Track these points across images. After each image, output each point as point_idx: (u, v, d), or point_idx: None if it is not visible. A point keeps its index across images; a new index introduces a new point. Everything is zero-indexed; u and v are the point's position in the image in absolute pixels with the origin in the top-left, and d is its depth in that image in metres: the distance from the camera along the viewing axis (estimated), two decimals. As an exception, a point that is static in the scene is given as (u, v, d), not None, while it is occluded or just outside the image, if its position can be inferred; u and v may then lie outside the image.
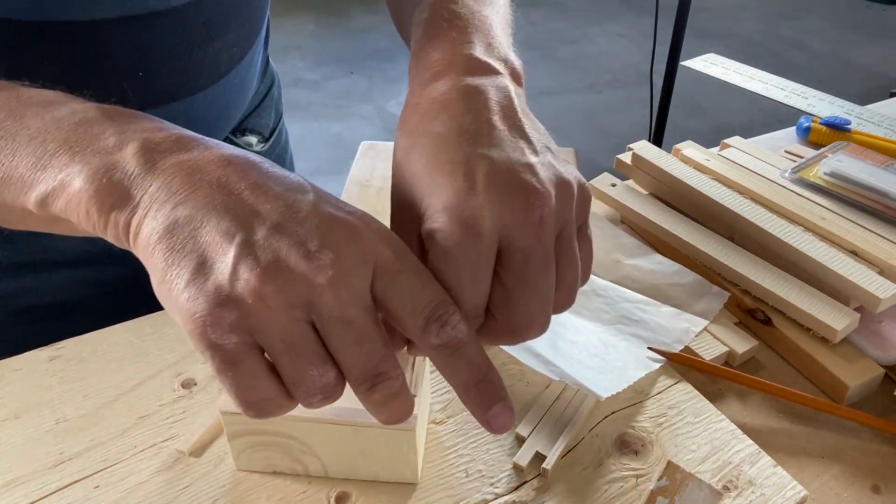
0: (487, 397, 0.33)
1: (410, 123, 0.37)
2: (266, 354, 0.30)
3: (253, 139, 0.69)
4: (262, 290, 0.28)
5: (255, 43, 0.62)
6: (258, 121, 0.70)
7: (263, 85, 0.71)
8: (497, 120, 0.36)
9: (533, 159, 0.34)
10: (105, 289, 0.62)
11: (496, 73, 0.39)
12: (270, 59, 0.74)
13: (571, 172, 0.35)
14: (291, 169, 0.79)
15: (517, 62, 0.41)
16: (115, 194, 0.31)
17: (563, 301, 0.36)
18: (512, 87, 0.38)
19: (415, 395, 0.38)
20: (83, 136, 0.33)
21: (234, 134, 0.67)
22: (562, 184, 0.34)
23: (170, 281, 0.29)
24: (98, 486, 0.42)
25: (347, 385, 0.32)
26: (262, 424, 0.40)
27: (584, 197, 0.36)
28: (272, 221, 0.29)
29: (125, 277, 0.62)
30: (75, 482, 0.42)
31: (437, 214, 0.32)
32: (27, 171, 0.33)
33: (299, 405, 0.31)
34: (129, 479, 0.42)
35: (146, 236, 0.30)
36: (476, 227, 0.32)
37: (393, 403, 0.31)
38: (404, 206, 0.35)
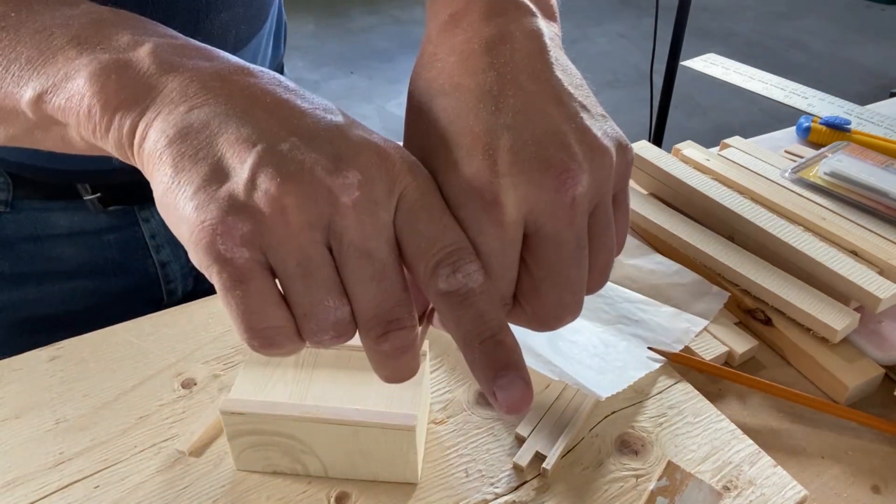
0: (495, 359, 0.28)
1: (424, 78, 0.32)
2: (277, 280, 0.26)
3: None
4: (281, 202, 0.25)
5: (262, 28, 0.61)
6: None
7: None
8: (524, 78, 0.30)
9: (564, 126, 0.29)
10: (106, 299, 0.62)
11: (525, 10, 0.33)
12: (286, 68, 0.73)
13: (610, 134, 0.31)
14: None
15: None
16: (123, 92, 0.28)
17: (596, 284, 0.32)
18: (545, 27, 0.33)
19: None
20: (95, 33, 0.29)
21: None
22: (598, 152, 0.29)
23: (176, 189, 0.26)
24: (98, 486, 0.42)
25: (346, 388, 0.30)
26: (262, 424, 0.40)
27: (625, 162, 0.31)
28: (299, 135, 0.26)
29: (127, 287, 0.62)
30: (75, 482, 0.42)
31: (454, 198, 0.29)
32: (27, 64, 0.30)
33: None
34: (129, 479, 0.42)
35: (153, 140, 0.27)
36: (498, 215, 0.28)
37: (402, 358, 0.28)
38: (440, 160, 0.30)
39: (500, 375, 0.28)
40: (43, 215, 0.56)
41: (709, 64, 1.09)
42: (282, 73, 0.72)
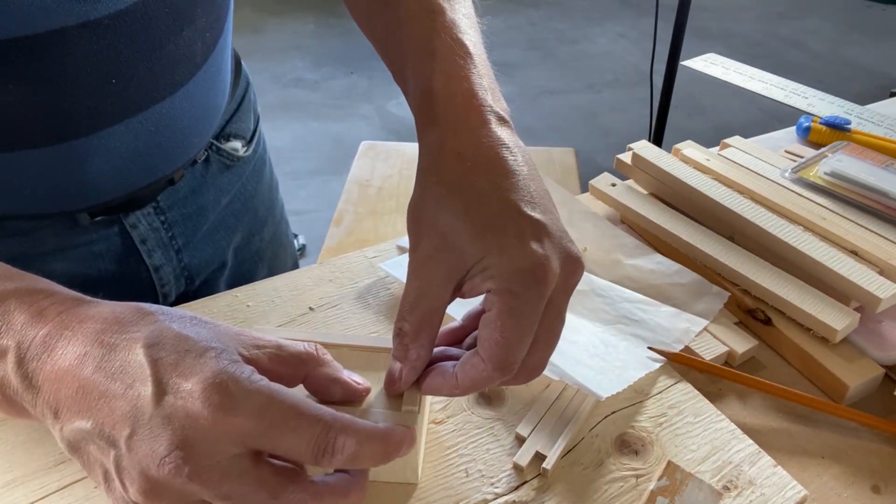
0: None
1: (450, 173, 0.38)
2: None
3: (237, 143, 0.68)
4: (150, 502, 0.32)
5: (225, 28, 0.61)
6: (240, 125, 0.69)
7: (240, 88, 0.70)
8: (535, 183, 0.38)
9: (561, 225, 0.38)
10: None
11: (509, 125, 0.41)
12: (242, 60, 0.72)
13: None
14: (271, 171, 0.78)
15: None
16: (14, 407, 0.36)
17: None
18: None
19: (417, 410, 0.39)
20: None
21: (219, 139, 0.66)
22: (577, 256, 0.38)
23: (96, 480, 0.35)
24: (98, 486, 0.42)
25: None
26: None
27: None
28: (126, 434, 0.32)
29: (121, 295, 0.60)
30: (75, 482, 0.42)
31: (512, 278, 0.35)
32: None
33: None
34: (129, 479, 0.42)
35: (60, 439, 0.35)
36: (546, 290, 0.36)
37: None
38: (439, 255, 0.37)
39: None
40: (31, 235, 0.56)
41: (709, 64, 1.09)
42: (239, 67, 0.70)
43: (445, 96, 0.40)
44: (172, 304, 0.56)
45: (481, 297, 0.38)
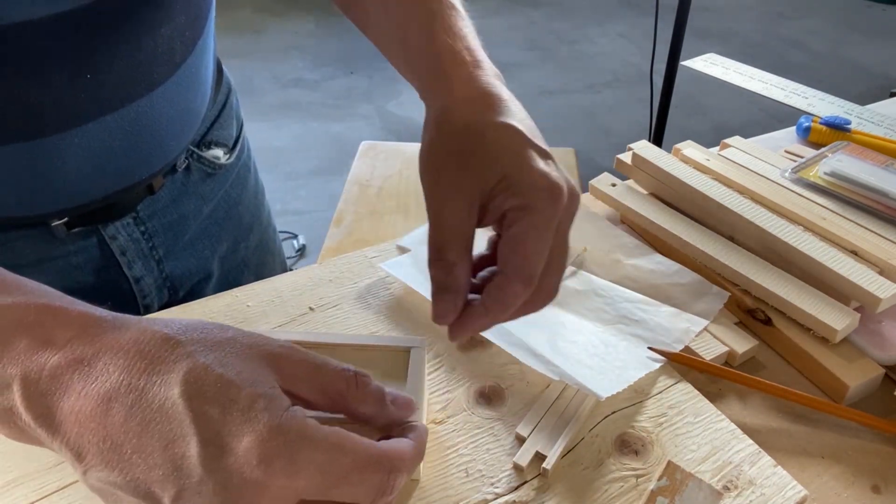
0: None
1: (462, 113, 0.41)
2: None
3: (219, 152, 0.67)
4: None
5: (206, 27, 0.59)
6: (221, 132, 0.68)
7: (221, 94, 0.68)
8: (532, 124, 0.42)
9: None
10: None
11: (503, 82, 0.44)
12: (223, 63, 0.71)
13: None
14: (256, 177, 0.76)
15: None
16: (26, 436, 0.32)
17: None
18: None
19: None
20: None
21: (200, 147, 0.64)
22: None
23: None
24: None
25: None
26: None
27: None
28: (171, 494, 0.29)
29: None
30: (75, 482, 0.42)
31: (533, 192, 0.38)
32: None
33: None
34: (129, 479, 0.42)
35: (82, 480, 0.31)
36: (560, 207, 0.39)
37: None
38: (461, 181, 0.39)
39: None
40: (7, 247, 0.54)
41: (709, 64, 1.09)
42: (221, 73, 0.69)
43: (450, 52, 0.44)
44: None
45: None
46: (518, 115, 0.41)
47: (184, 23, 0.55)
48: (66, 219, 0.55)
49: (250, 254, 0.75)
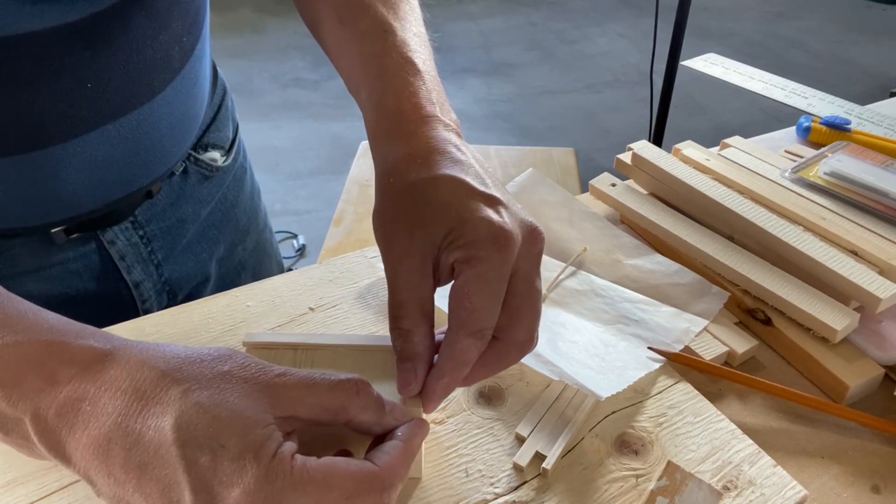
0: None
1: (406, 173, 0.40)
2: None
3: (216, 154, 0.67)
4: None
5: (202, 32, 0.59)
6: (218, 134, 0.67)
7: (217, 95, 0.68)
8: (488, 175, 0.41)
9: (519, 205, 0.41)
10: None
11: (456, 131, 0.44)
12: (221, 64, 0.71)
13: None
14: (252, 178, 0.76)
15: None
16: (41, 456, 0.34)
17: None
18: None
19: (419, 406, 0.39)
20: None
21: (197, 150, 0.64)
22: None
23: None
24: None
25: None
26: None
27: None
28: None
29: (102, 314, 0.57)
30: (75, 482, 0.42)
31: (476, 242, 0.37)
32: None
33: None
34: (129, 479, 0.42)
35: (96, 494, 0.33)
36: (510, 254, 0.37)
37: None
38: (411, 245, 0.38)
39: None
40: (5, 254, 0.54)
41: (709, 64, 1.09)
42: (216, 75, 0.69)
43: (396, 112, 0.43)
44: None
45: None
46: (465, 165, 0.40)
47: (180, 29, 0.55)
48: (65, 226, 0.55)
49: (247, 256, 0.75)
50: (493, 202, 0.39)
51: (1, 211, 0.52)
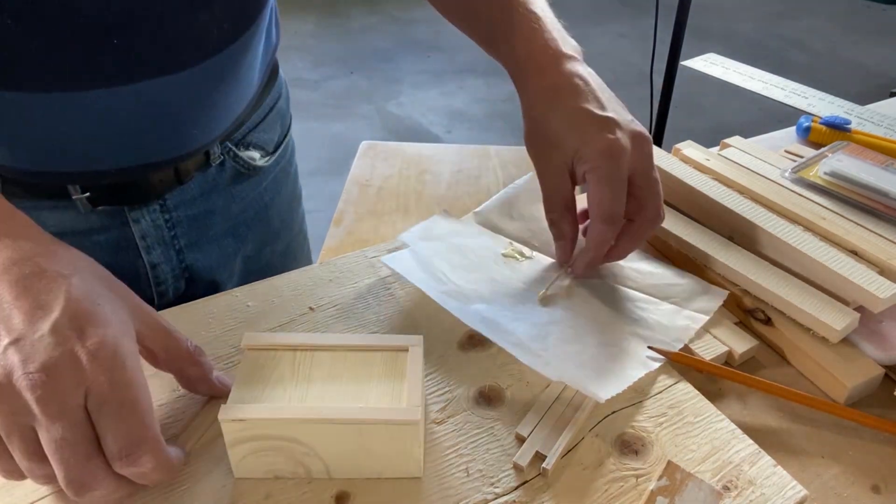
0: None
1: (543, 103, 0.54)
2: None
3: (256, 154, 0.68)
4: None
5: (254, 27, 0.59)
6: (262, 135, 0.68)
7: (270, 97, 0.69)
8: (604, 94, 0.53)
9: (630, 116, 0.53)
10: None
11: (577, 59, 0.55)
12: (281, 70, 0.72)
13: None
14: (295, 183, 0.77)
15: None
16: None
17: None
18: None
19: (419, 405, 0.38)
20: None
21: (238, 147, 0.65)
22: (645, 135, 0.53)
23: None
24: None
25: (344, 387, 0.37)
26: (264, 429, 0.40)
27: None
28: (13, 336, 0.36)
29: None
30: (75, 482, 0.42)
31: (595, 156, 0.50)
32: None
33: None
34: (129, 479, 0.42)
35: None
36: (622, 160, 0.50)
37: None
38: (553, 158, 0.53)
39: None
40: (31, 214, 0.55)
41: (709, 64, 1.09)
42: (275, 77, 0.70)
43: (528, 55, 0.55)
44: (170, 306, 0.55)
45: None
46: (586, 94, 0.52)
47: (223, 14, 0.55)
48: (87, 194, 0.57)
49: (276, 259, 0.75)
50: (608, 122, 0.51)
51: (13, 151, 0.54)
